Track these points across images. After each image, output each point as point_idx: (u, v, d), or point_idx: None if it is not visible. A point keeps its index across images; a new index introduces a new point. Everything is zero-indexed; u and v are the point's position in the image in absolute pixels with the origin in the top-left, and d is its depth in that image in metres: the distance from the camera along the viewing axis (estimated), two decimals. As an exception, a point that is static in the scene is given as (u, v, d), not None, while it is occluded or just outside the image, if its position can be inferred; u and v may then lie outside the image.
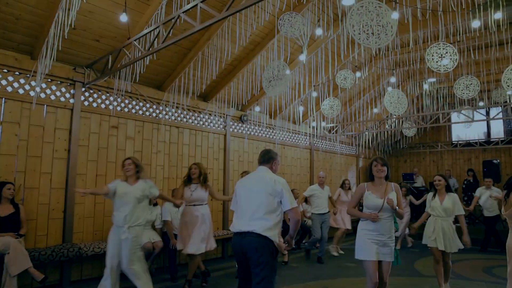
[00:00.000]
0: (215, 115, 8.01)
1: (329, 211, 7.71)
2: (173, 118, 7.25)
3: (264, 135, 9.28)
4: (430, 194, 5.35)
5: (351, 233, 8.97)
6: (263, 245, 3.19)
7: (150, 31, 4.69)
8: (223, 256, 7.74)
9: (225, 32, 6.32)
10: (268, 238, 3.21)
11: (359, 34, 4.11)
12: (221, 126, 8.18)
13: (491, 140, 13.16)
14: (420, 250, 8.61)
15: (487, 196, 8.59)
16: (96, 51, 5.85)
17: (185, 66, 6.72)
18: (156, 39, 4.62)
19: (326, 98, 8.52)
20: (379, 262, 3.84)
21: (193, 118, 7.65)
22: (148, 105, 6.87)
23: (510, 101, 9.70)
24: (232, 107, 8.21)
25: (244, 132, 8.72)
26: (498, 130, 13.30)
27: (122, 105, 6.48)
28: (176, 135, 7.29)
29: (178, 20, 4.33)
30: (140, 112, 6.75)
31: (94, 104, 6.10)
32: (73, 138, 5.69)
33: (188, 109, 7.52)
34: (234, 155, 8.40)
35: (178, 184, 6.73)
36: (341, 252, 8.37)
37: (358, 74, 8.71)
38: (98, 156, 6.04)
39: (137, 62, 5.45)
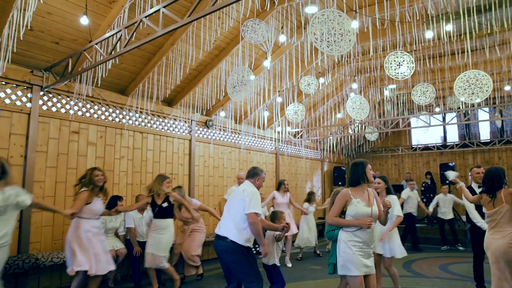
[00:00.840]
0: (180, 120, 7.95)
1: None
2: (137, 123, 7.13)
3: (229, 140, 9.30)
4: None
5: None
6: (232, 248, 3.68)
7: (112, 35, 4.61)
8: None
9: (189, 37, 6.31)
10: (236, 242, 3.67)
11: (321, 41, 4.23)
12: (186, 131, 8.12)
13: (447, 144, 13.81)
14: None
15: (444, 201, 9.51)
16: (55, 54, 5.67)
17: (149, 71, 6.64)
18: (118, 43, 4.55)
19: (290, 103, 8.66)
20: (365, 276, 3.43)
21: (158, 123, 7.56)
22: (111, 110, 6.72)
23: (463, 107, 10.23)
24: (197, 112, 8.18)
25: (209, 137, 8.69)
26: (453, 134, 13.98)
27: (84, 109, 6.31)
28: (140, 141, 7.17)
29: (141, 24, 4.29)
30: (103, 117, 6.59)
31: (54, 109, 5.90)
32: (30, 143, 5.47)
33: (153, 114, 7.43)
34: (199, 160, 8.35)
35: (142, 190, 6.62)
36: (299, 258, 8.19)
37: (321, 80, 8.93)
38: (57, 163, 5.84)
39: (99, 66, 5.34)
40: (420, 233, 10.04)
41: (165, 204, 5.42)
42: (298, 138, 11.53)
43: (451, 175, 4.96)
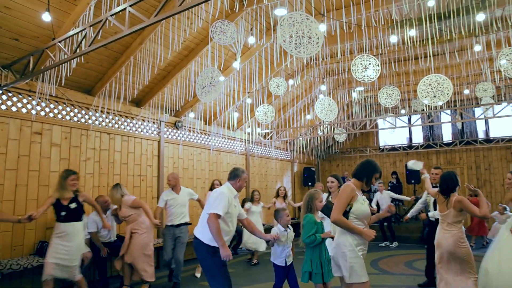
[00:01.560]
0: (148, 121, 7.82)
1: (189, 223, 6.21)
2: (104, 124, 6.96)
3: (199, 141, 9.24)
4: (325, 196, 4.98)
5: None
6: (197, 244, 3.78)
7: (77, 33, 4.48)
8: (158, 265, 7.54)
9: (158, 36, 6.23)
10: (200, 240, 3.76)
11: (289, 44, 4.27)
12: (155, 132, 8.00)
13: (413, 144, 14.28)
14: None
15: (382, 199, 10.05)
16: (15, 51, 5.44)
17: (117, 71, 6.50)
18: (83, 41, 4.43)
19: (260, 104, 8.71)
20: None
21: (126, 124, 7.40)
22: (76, 110, 6.53)
23: (427, 109, 10.61)
24: (166, 113, 8.07)
25: (178, 138, 8.60)
26: (418, 136, 14.47)
27: (47, 109, 6.09)
28: (107, 142, 7.00)
29: (107, 23, 4.19)
30: (68, 117, 6.39)
31: (14, 108, 5.66)
32: (-12, 145, 5.23)
33: (120, 115, 7.27)
34: (168, 161, 8.25)
35: (108, 192, 6.46)
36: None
37: (291, 82, 9.02)
38: (18, 165, 5.61)
39: (63, 64, 5.17)
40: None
41: (73, 205, 4.77)
42: (268, 139, 11.60)
43: (416, 165, 5.15)
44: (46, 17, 4.68)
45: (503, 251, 4.77)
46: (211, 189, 7.24)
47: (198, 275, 6.74)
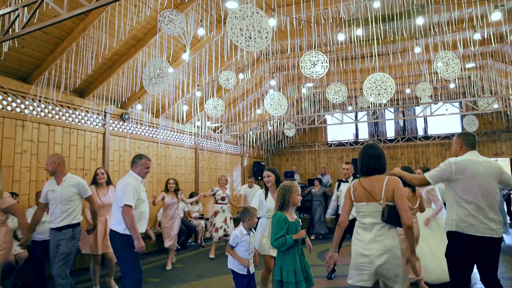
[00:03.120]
0: (93, 113, 7.47)
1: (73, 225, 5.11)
2: (42, 114, 6.54)
3: (147, 134, 8.98)
4: (261, 192, 4.63)
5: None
6: (114, 236, 3.85)
7: (8, 13, 4.14)
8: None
9: (103, 24, 5.93)
10: (115, 231, 3.83)
11: (238, 37, 4.25)
12: (100, 124, 7.66)
13: (359, 140, 14.88)
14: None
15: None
16: None
17: (57, 58, 6.11)
18: (15, 22, 4.10)
19: (210, 98, 8.62)
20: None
21: (67, 115, 7.01)
22: (10, 99, 6.06)
23: (372, 107, 11.07)
24: (112, 104, 7.75)
25: (125, 131, 8.30)
26: (364, 132, 15.09)
27: (-24, 97, 5.61)
28: (47, 134, 6.59)
29: (44, 5, 3.92)
30: (0, 106, 5.93)
31: None
32: None
33: (61, 105, 6.87)
34: (114, 155, 7.94)
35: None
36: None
37: (241, 76, 9.01)
38: None
39: (-6, 49, 4.78)
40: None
41: None
42: (218, 133, 11.54)
43: None
44: (-26, -4, 4.29)
45: (430, 243, 5.17)
46: (166, 190, 7.05)
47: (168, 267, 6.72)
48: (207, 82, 8.93)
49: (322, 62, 6.25)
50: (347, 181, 5.89)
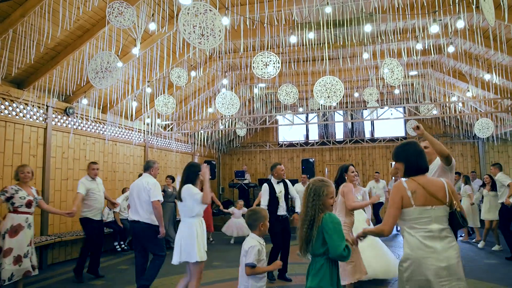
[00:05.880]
0: (33, 105, 7.01)
1: None
2: (-26, 105, 6.04)
3: (93, 130, 8.58)
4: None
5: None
6: (146, 228, 4.85)
7: None
8: (42, 266, 6.79)
9: (45, 11, 5.58)
10: (148, 223, 4.84)
11: (190, 34, 4.18)
12: (41, 118, 7.20)
13: (309, 141, 15.23)
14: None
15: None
16: None
17: (-9, 45, 5.68)
18: None
19: (161, 95, 8.42)
20: None
21: (3, 107, 6.52)
22: None
23: (322, 109, 11.38)
24: (55, 97, 7.32)
25: (69, 126, 7.88)
26: (314, 133, 15.47)
27: None
28: (-22, 126, 6.09)
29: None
30: None
31: None
32: None
33: (-4, 96, 6.39)
34: (56, 151, 7.51)
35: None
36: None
37: (193, 73, 8.89)
38: None
39: None
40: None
41: None
42: (168, 131, 11.31)
43: None
44: None
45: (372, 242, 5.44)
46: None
47: None
48: (158, 79, 8.70)
49: (274, 63, 6.32)
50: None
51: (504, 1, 4.96)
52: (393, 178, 11.04)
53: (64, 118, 7.78)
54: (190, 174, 4.13)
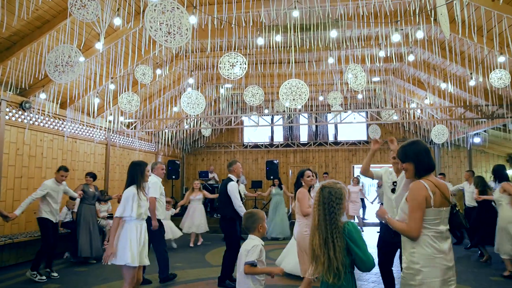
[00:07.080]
0: (-15, 98, 6.63)
1: None
2: None
3: (51, 126, 8.23)
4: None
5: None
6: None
7: None
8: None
9: (0, -1, 5.30)
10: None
11: (156, 31, 4.11)
12: (-7, 112, 6.83)
13: (274, 143, 15.36)
14: (212, 243, 9.25)
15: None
16: None
17: None
18: None
19: (124, 92, 8.20)
20: None
21: (-49, 99, 6.13)
22: None
23: (287, 111, 11.51)
24: (9, 90, 6.96)
25: (25, 121, 7.51)
26: (279, 135, 15.62)
27: None
28: None
29: None
30: None
31: None
32: None
33: None
34: (10, 147, 7.13)
35: None
36: None
37: (158, 71, 8.73)
38: None
39: None
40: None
41: None
42: (132, 129, 11.04)
43: None
44: None
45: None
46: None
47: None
48: (122, 75, 8.48)
49: (241, 64, 6.32)
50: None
51: (458, 16, 5.23)
52: (352, 181, 11.39)
53: (20, 112, 7.41)
54: (135, 175, 3.96)
